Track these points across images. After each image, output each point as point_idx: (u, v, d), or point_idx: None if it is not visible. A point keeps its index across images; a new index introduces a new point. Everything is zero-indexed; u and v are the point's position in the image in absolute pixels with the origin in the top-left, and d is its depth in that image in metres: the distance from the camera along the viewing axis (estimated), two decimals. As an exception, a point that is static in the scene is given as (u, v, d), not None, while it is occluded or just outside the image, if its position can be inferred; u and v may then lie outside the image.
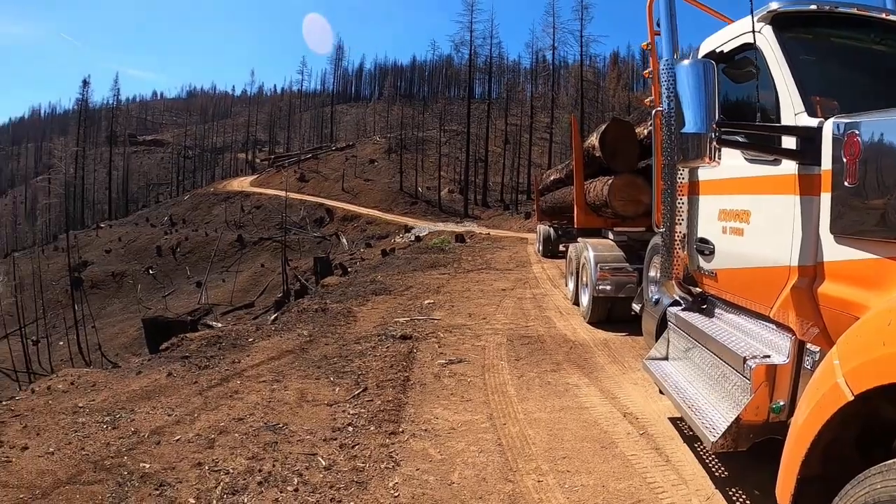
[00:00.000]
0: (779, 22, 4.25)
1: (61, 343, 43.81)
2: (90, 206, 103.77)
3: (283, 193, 57.84)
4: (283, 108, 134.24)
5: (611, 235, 11.38)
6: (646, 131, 10.05)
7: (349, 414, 6.50)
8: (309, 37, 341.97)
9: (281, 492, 4.76)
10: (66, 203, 70.74)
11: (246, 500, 4.66)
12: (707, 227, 5.03)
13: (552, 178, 20.68)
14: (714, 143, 3.76)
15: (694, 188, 5.29)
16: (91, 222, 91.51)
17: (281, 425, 6.25)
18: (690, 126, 3.78)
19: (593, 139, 11.54)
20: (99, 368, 16.71)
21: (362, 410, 6.59)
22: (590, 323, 10.88)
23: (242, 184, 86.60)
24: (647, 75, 7.61)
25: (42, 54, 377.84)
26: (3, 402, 8.99)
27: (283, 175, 78.07)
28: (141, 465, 5.37)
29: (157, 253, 63.48)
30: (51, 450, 5.92)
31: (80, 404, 7.52)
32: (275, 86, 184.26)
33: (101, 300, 54.75)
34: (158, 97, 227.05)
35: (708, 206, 5.03)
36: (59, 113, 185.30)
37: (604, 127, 11.23)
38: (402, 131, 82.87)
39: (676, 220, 5.39)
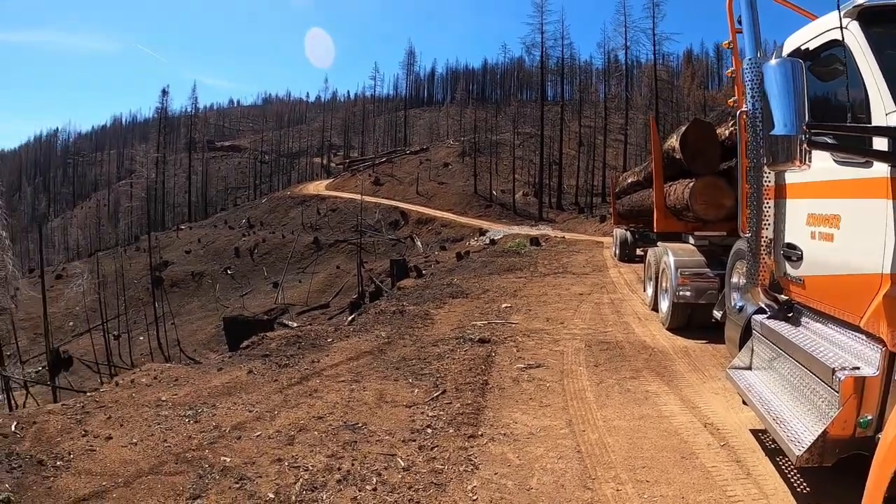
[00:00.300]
0: (866, 17, 4.07)
1: (141, 338, 45.23)
2: (170, 209, 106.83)
3: (358, 196, 58.49)
4: (357, 114, 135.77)
5: (691, 240, 11.13)
6: (727, 132, 9.81)
7: (428, 416, 6.52)
8: (311, 51, 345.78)
9: (359, 490, 4.80)
10: (147, 206, 72.87)
11: (325, 498, 4.72)
12: (794, 232, 4.89)
13: (629, 181, 20.35)
14: (804, 145, 3.66)
15: (781, 191, 5.14)
16: (171, 224, 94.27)
17: (360, 425, 6.30)
18: (780, 128, 3.68)
19: (673, 141, 11.32)
20: (180, 364, 17.16)
21: (441, 413, 6.60)
22: (669, 329, 10.63)
23: (318, 187, 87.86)
24: (729, 74, 7.45)
25: (122, 66, 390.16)
26: (89, 394, 9.30)
27: (358, 179, 78.99)
28: (222, 458, 5.50)
29: (235, 254, 64.96)
30: (134, 440, 6.09)
31: (163, 398, 7.73)
32: (348, 91, 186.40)
33: (181, 298, 56.36)
34: (235, 105, 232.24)
35: (795, 210, 4.88)
36: (140, 121, 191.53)
37: (684, 128, 10.98)
38: (476, 134, 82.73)
39: (763, 225, 5.25)
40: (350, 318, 14.16)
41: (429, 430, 6.08)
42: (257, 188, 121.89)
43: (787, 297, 5.20)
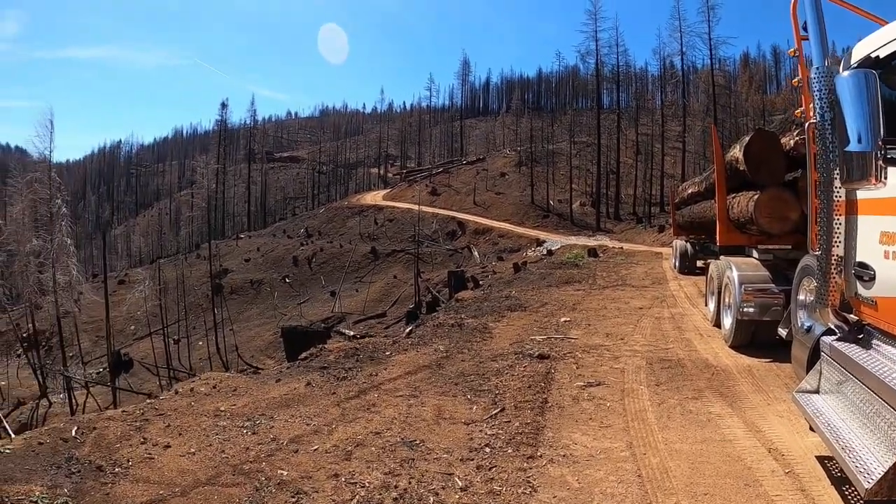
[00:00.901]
0: None
1: (200, 343, 46.13)
2: (230, 218, 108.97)
3: (415, 207, 58.75)
4: (413, 124, 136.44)
5: (755, 253, 10.86)
6: (792, 142, 9.57)
7: (486, 434, 6.47)
8: (324, 47, 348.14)
9: (416, 510, 4.78)
10: (207, 215, 74.30)
11: (381, 516, 4.72)
12: (867, 250, 4.71)
13: (689, 192, 20.01)
14: (880, 161, 3.53)
15: (852, 207, 4.95)
16: (231, 233, 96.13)
17: (418, 441, 6.29)
18: (854, 144, 3.56)
19: (736, 152, 11.07)
20: (239, 373, 17.36)
21: (500, 431, 6.53)
22: (732, 347, 10.33)
23: (375, 197, 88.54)
24: (795, 84, 7.20)
25: (183, 80, 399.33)
26: (148, 401, 9.46)
27: (415, 189, 79.35)
28: (278, 471, 5.54)
29: (294, 263, 65.79)
30: (192, 450, 6.17)
31: (222, 408, 7.82)
32: (404, 102, 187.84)
33: (240, 305, 57.36)
34: (293, 116, 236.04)
35: (868, 227, 4.70)
36: (200, 133, 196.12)
37: (748, 139, 10.72)
38: (532, 144, 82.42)
39: (833, 243, 5.08)
40: (408, 331, 14.13)
41: (487, 450, 6.03)
42: (315, 198, 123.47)
43: (857, 319, 5.03)
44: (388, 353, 11.05)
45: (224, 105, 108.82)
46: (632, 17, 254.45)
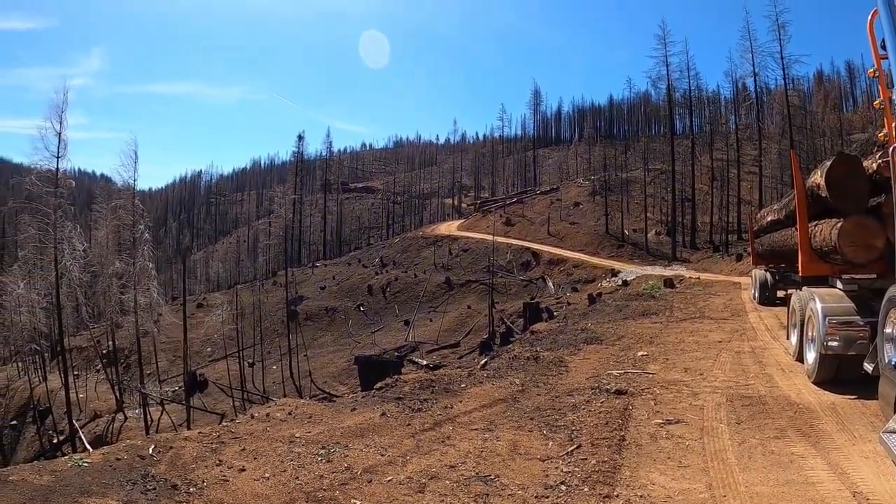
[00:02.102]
0: None
1: (274, 367, 47.07)
2: (306, 247, 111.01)
3: (489, 237, 58.77)
4: (486, 154, 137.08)
5: (839, 284, 10.52)
6: (874, 165, 9.30)
7: (562, 471, 6.42)
8: (365, 53, 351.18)
9: (490, 548, 4.82)
10: (284, 243, 76.00)
11: (454, 552, 4.77)
12: None
13: (769, 220, 19.56)
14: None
15: None
16: (307, 261, 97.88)
17: (492, 476, 6.28)
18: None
19: (817, 177, 10.77)
20: (314, 400, 17.61)
21: (576, 469, 6.47)
22: (815, 383, 9.96)
23: (450, 228, 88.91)
24: (877, 106, 7.06)
25: (261, 113, 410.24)
26: (224, 424, 9.74)
27: (489, 219, 79.42)
28: (352, 501, 5.64)
29: (368, 291, 66.45)
30: (266, 475, 6.35)
31: (297, 434, 8.00)
32: (476, 133, 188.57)
33: (314, 332, 58.24)
34: (367, 148, 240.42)
35: None
36: (278, 164, 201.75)
37: (829, 163, 10.39)
38: (606, 172, 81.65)
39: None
40: (483, 363, 14.20)
41: (563, 487, 6.00)
42: (390, 228, 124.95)
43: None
44: (463, 386, 11.11)
45: (301, 137, 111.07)
46: (701, 39, 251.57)
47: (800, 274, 11.86)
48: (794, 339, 12.09)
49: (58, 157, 29.77)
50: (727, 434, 7.54)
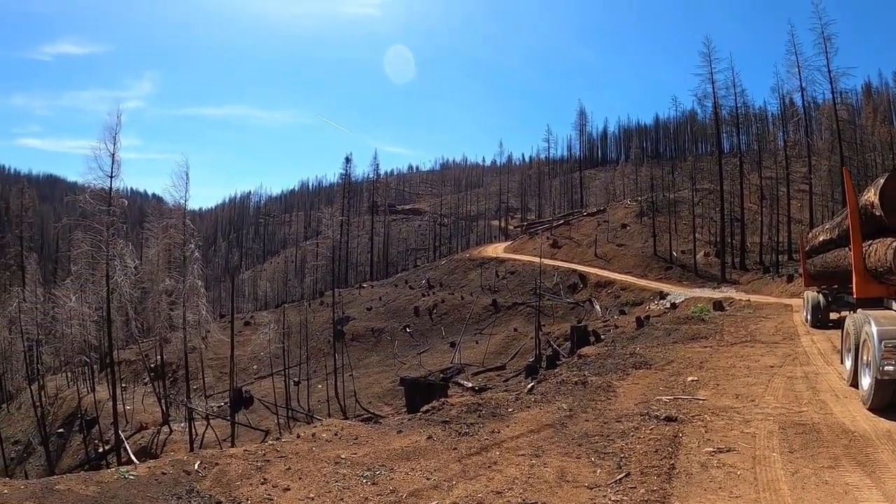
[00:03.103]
0: None
1: (320, 386, 47.53)
2: (353, 268, 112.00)
3: (536, 259, 58.67)
4: (533, 176, 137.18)
5: (894, 306, 10.35)
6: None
7: (610, 500, 6.37)
8: (390, 67, 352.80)
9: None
10: (332, 264, 76.73)
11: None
12: None
13: (821, 239, 19.23)
14: None
15: None
16: (354, 282, 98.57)
17: None
18: None
19: (870, 195, 10.54)
20: (360, 421, 17.72)
21: (624, 498, 6.41)
22: (871, 409, 9.67)
23: (496, 250, 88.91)
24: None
25: (309, 136, 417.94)
26: (270, 442, 9.86)
27: (536, 241, 79.27)
28: (396, 525, 5.69)
29: (415, 313, 66.70)
30: (311, 495, 6.43)
31: (343, 455, 8.07)
32: (522, 154, 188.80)
33: (360, 352, 58.74)
34: (414, 170, 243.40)
35: None
36: (325, 185, 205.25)
37: (882, 181, 10.16)
38: (653, 193, 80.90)
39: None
40: (529, 387, 14.16)
41: (611, 516, 5.98)
42: (437, 250, 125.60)
43: None
44: (510, 410, 11.09)
45: (348, 159, 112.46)
46: (747, 55, 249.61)
47: (854, 296, 11.61)
48: (848, 363, 11.81)
49: (111, 177, 30.59)
50: (780, 463, 7.40)
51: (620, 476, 7.07)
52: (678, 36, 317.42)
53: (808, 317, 22.72)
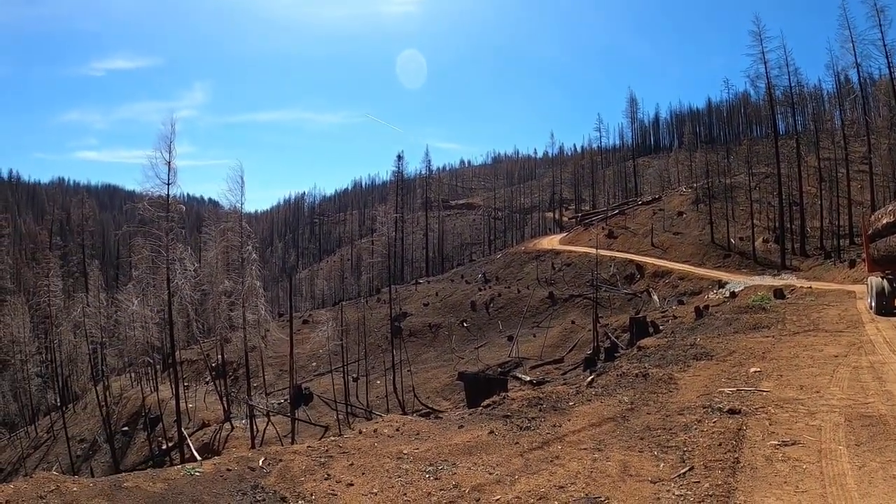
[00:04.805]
0: None
1: (378, 382, 48.03)
2: (409, 264, 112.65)
3: (592, 250, 58.16)
4: (585, 166, 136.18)
5: None
6: None
7: (674, 494, 6.38)
8: (403, 73, 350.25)
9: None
10: (387, 261, 77.30)
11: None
12: None
13: (884, 222, 18.81)
14: None
15: None
16: (410, 278, 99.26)
17: (602, 498, 6.29)
18: None
19: None
20: (421, 417, 17.83)
21: (688, 492, 6.40)
22: None
23: (552, 242, 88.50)
24: None
25: (361, 136, 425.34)
26: (333, 438, 10.02)
27: (591, 232, 78.82)
28: (460, 519, 5.79)
29: (471, 307, 66.78)
30: (374, 490, 6.57)
31: (405, 451, 8.20)
32: (574, 145, 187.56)
33: (417, 348, 59.14)
34: (466, 165, 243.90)
35: None
36: (378, 184, 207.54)
37: None
38: (708, 179, 79.39)
39: None
40: (590, 380, 14.15)
41: (674, 511, 5.95)
42: (492, 244, 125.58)
43: None
44: (571, 403, 11.10)
45: (400, 157, 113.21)
46: (799, 32, 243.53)
47: None
48: (916, 352, 11.60)
49: (168, 184, 31.18)
50: (846, 457, 7.29)
51: (684, 470, 7.08)
52: (727, 17, 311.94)
53: (873, 303, 22.11)
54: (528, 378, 38.61)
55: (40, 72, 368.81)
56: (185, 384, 48.63)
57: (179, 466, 8.32)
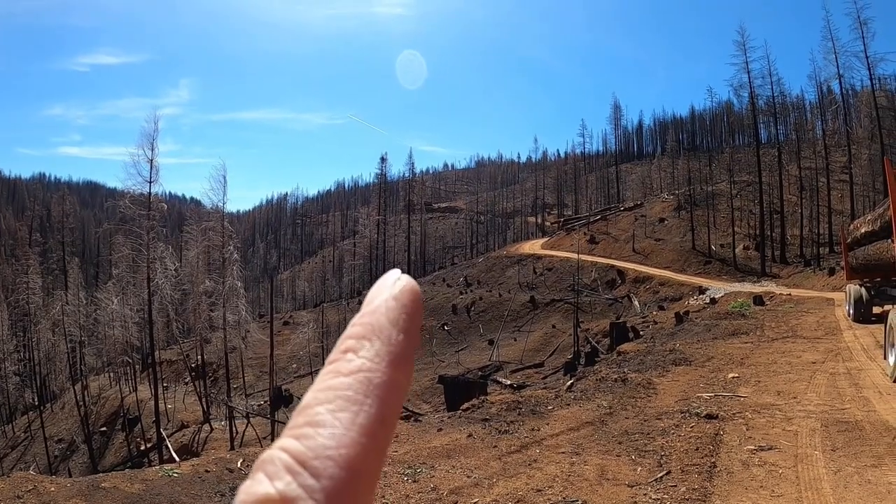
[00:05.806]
0: None
1: (358, 385, 47.75)
2: (391, 266, 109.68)
3: (574, 255, 58.42)
4: (568, 172, 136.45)
5: None
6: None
7: (651, 498, 6.43)
8: (402, 73, 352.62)
9: (576, 575, 4.90)
10: (369, 263, 77.27)
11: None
12: None
13: (863, 231, 18.98)
14: None
15: None
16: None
17: (579, 502, 6.32)
18: None
19: None
20: (399, 419, 17.86)
21: (665, 496, 6.46)
22: None
23: (534, 246, 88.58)
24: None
25: (344, 136, 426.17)
26: None
27: (573, 237, 79.05)
28: (437, 523, 5.79)
29: (453, 311, 66.79)
30: None
31: None
32: (557, 150, 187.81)
33: (398, 351, 58.82)
34: (450, 168, 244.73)
35: None
36: (361, 186, 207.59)
37: None
38: (690, 186, 79.89)
39: None
40: (569, 384, 14.19)
41: (652, 515, 6.02)
42: (474, 247, 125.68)
43: None
44: (550, 408, 11.15)
45: (383, 159, 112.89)
46: (782, 42, 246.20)
47: None
48: (892, 359, 11.71)
49: (150, 182, 31.12)
50: (822, 462, 7.37)
51: (661, 474, 7.13)
52: (712, 25, 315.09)
53: (851, 311, 22.34)
54: (509, 382, 38.62)
55: (23, 66, 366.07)
56: (165, 385, 48.26)
57: (158, 467, 8.30)
